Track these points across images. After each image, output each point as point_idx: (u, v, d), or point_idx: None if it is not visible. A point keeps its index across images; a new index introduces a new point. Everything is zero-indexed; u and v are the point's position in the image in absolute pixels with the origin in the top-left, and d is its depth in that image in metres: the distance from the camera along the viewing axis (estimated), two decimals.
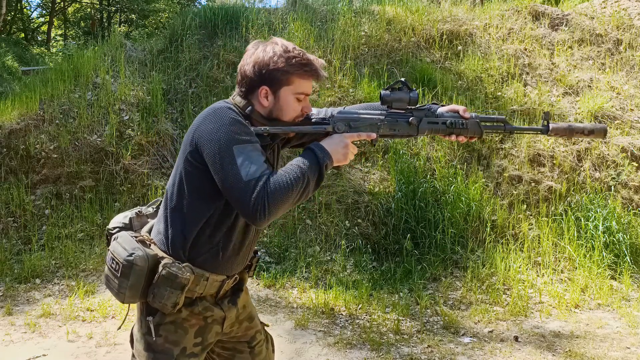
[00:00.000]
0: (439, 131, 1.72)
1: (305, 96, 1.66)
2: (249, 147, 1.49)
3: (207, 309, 1.66)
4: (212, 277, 1.63)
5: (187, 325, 1.64)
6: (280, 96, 1.62)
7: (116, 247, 1.59)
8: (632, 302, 4.23)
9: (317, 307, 4.07)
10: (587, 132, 1.78)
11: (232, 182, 1.45)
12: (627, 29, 7.23)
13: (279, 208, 1.45)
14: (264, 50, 1.62)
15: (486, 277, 4.48)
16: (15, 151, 5.71)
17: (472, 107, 5.99)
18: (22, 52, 16.48)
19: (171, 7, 21.91)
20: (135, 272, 1.54)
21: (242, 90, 1.65)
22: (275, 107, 1.63)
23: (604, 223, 4.81)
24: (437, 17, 7.33)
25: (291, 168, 1.49)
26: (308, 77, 1.63)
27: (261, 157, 1.49)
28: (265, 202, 1.42)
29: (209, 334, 1.68)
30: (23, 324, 3.81)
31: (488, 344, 3.59)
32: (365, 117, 1.70)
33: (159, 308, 1.58)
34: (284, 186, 1.44)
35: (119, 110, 6.13)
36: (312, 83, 1.67)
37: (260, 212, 1.42)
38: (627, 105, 6.23)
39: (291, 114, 1.64)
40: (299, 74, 1.61)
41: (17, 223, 5.30)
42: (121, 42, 7.39)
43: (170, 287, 1.55)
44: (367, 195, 5.23)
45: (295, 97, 1.63)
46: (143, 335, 1.65)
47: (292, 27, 7.13)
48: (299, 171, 1.48)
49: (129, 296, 1.58)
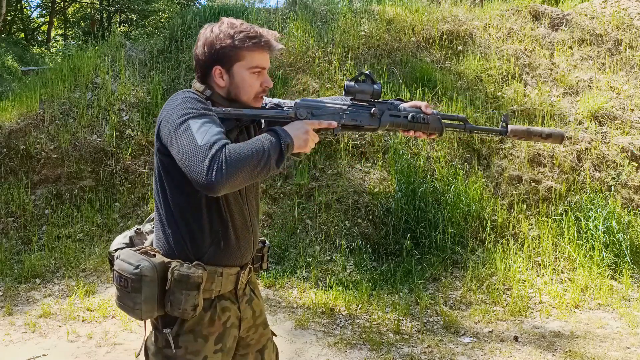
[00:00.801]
0: (400, 125, 1.71)
1: (261, 70, 1.61)
2: (206, 119, 1.44)
3: (226, 309, 1.64)
4: (226, 271, 1.61)
5: (206, 332, 1.60)
6: (235, 73, 1.59)
7: (121, 264, 1.54)
8: (632, 302, 4.23)
9: (317, 307, 4.07)
10: (545, 135, 1.79)
11: (187, 149, 1.38)
12: (627, 29, 7.23)
13: (237, 174, 1.36)
14: (211, 30, 1.60)
15: (486, 277, 4.48)
16: (15, 151, 5.71)
17: (472, 107, 6.00)
18: (22, 52, 16.48)
19: (171, 7, 21.90)
20: (146, 283, 1.49)
21: (199, 76, 1.64)
22: (232, 85, 1.61)
23: (604, 223, 4.81)
24: (437, 17, 7.33)
25: (251, 141, 1.45)
26: (259, 50, 1.59)
27: (219, 128, 1.44)
28: (222, 165, 1.34)
29: (228, 338, 1.66)
30: (23, 324, 3.81)
31: (488, 344, 3.59)
32: (328, 106, 1.68)
33: (180, 315, 1.52)
34: (243, 153, 1.38)
35: (119, 110, 6.13)
36: (266, 56, 1.62)
37: (216, 175, 1.34)
38: (627, 105, 6.23)
39: (249, 90, 1.61)
40: (248, 47, 1.57)
41: (17, 223, 5.31)
42: (121, 42, 7.40)
43: (185, 289, 1.51)
44: (367, 195, 5.23)
45: (250, 72, 1.59)
46: (160, 349, 1.59)
47: (292, 27, 7.13)
48: (260, 144, 1.43)
49: (146, 311, 1.51)
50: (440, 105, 6.09)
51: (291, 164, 5.61)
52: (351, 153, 5.64)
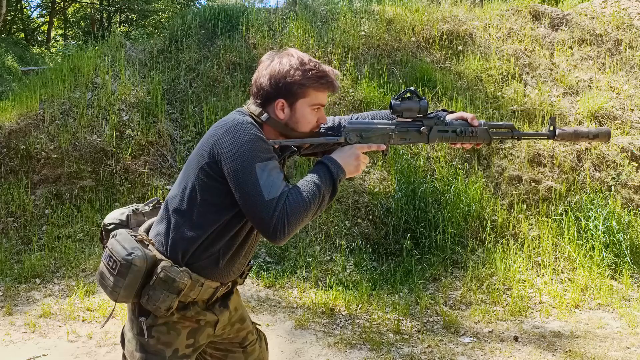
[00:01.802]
0: (449, 139, 1.74)
1: (320, 107, 1.67)
2: (270, 165, 1.51)
3: (199, 314, 1.67)
4: (207, 283, 1.63)
5: (179, 326, 1.64)
6: (297, 108, 1.63)
7: (115, 245, 1.57)
8: (632, 302, 4.23)
9: (317, 307, 4.07)
10: (592, 136, 1.80)
11: (255, 201, 1.47)
12: (627, 29, 7.23)
13: (297, 226, 1.48)
14: (280, 62, 1.62)
15: (486, 277, 4.48)
16: (15, 151, 5.71)
17: (472, 107, 5.99)
18: (22, 52, 16.48)
19: (171, 7, 21.91)
20: (132, 272, 1.53)
21: (258, 102, 1.65)
22: (292, 119, 1.64)
23: (604, 223, 4.81)
24: (437, 17, 7.33)
25: (307, 185, 1.52)
26: (324, 89, 1.64)
27: (280, 174, 1.52)
28: (285, 222, 1.45)
29: (201, 335, 1.69)
30: (23, 324, 3.81)
31: (488, 344, 3.59)
32: (377, 127, 1.73)
33: (152, 310, 1.57)
34: (302, 205, 1.48)
35: (119, 110, 6.13)
36: (327, 94, 1.68)
37: (280, 232, 1.46)
38: (627, 105, 6.23)
39: (307, 126, 1.66)
40: (315, 86, 1.62)
41: (17, 223, 5.30)
42: (121, 42, 7.40)
43: (166, 290, 1.54)
44: (367, 195, 5.23)
45: (311, 109, 1.64)
46: (135, 335, 1.64)
47: (292, 27, 7.13)
48: (315, 188, 1.51)
49: (123, 296, 1.56)
50: (440, 105, 6.09)
51: (291, 163, 5.61)
52: None
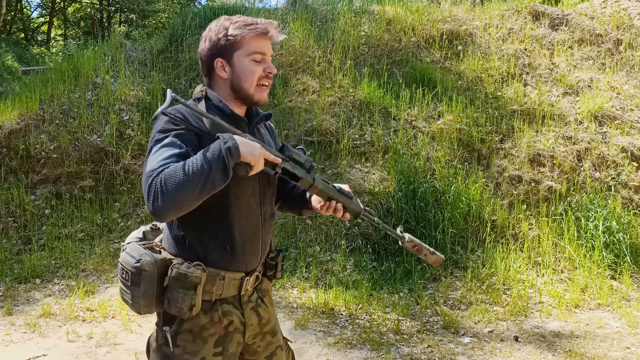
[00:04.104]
0: (329, 191, 1.68)
1: (262, 56, 1.59)
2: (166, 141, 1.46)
3: (227, 314, 1.61)
4: (229, 275, 1.58)
5: (206, 334, 1.58)
6: (235, 63, 1.59)
7: (125, 257, 1.56)
8: (632, 302, 4.23)
9: (317, 307, 4.07)
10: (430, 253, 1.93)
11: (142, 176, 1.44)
12: (627, 29, 7.23)
13: (175, 200, 1.36)
14: (210, 28, 1.64)
15: (486, 277, 4.48)
16: (15, 151, 5.71)
17: (472, 107, 6.00)
18: (22, 52, 16.49)
19: (171, 7, 21.91)
20: (144, 278, 1.50)
21: (204, 73, 1.65)
22: (234, 75, 1.59)
23: (604, 223, 4.81)
24: (437, 17, 7.34)
25: (191, 159, 1.40)
26: (257, 36, 1.58)
27: (170, 151, 1.43)
28: (158, 194, 1.35)
29: (230, 343, 1.62)
30: (23, 324, 3.81)
31: (488, 344, 3.59)
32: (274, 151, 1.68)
33: (176, 313, 1.52)
34: (178, 177, 1.36)
35: (119, 110, 6.13)
36: (266, 42, 1.60)
37: (155, 202, 1.36)
38: (627, 105, 6.23)
39: (251, 77, 1.59)
40: (244, 34, 1.57)
41: (17, 223, 5.31)
42: (121, 42, 7.40)
43: (182, 287, 1.50)
44: (367, 195, 5.23)
45: (250, 59, 1.58)
46: (160, 346, 1.59)
47: (292, 27, 7.13)
48: (201, 158, 1.38)
49: (144, 305, 1.53)
50: (440, 105, 6.09)
51: None
52: (351, 153, 5.64)
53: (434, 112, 6.03)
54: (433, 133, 5.79)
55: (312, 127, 5.83)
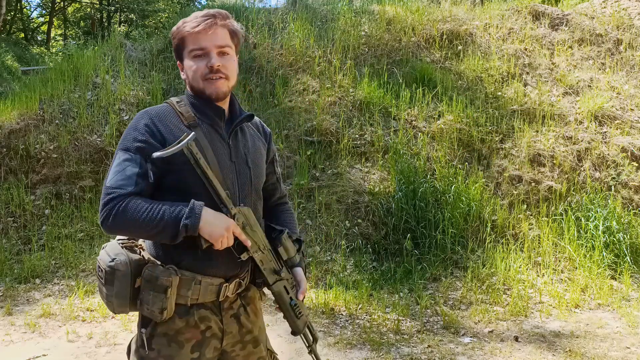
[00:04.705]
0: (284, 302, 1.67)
1: (201, 51, 1.55)
2: (128, 155, 1.48)
3: (205, 319, 1.57)
4: (205, 280, 1.54)
5: (182, 338, 1.55)
6: (185, 63, 1.59)
7: (102, 255, 1.53)
8: (632, 302, 4.23)
9: (317, 307, 4.07)
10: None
11: (105, 181, 1.50)
12: (627, 29, 7.23)
13: (123, 230, 1.47)
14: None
15: (486, 277, 4.48)
16: (15, 151, 5.71)
17: (472, 107, 6.00)
18: (22, 52, 16.49)
19: (171, 7, 21.90)
20: (117, 277, 1.48)
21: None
22: (187, 75, 1.59)
23: (604, 223, 4.81)
24: (437, 17, 7.33)
25: (157, 208, 1.44)
26: (195, 31, 1.54)
27: (131, 169, 1.47)
28: (112, 216, 1.44)
29: (207, 348, 1.59)
30: (23, 324, 3.81)
31: (488, 344, 3.59)
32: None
33: (148, 315, 1.51)
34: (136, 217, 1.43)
35: (119, 110, 6.13)
36: (208, 36, 1.54)
37: (104, 220, 1.45)
38: (627, 105, 6.23)
39: (194, 75, 1.56)
40: (184, 33, 1.57)
41: (17, 223, 5.30)
42: (121, 42, 7.40)
43: (152, 290, 1.48)
44: (367, 195, 5.23)
45: (191, 56, 1.56)
46: (137, 348, 1.58)
47: (292, 27, 7.13)
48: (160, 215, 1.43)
49: (118, 305, 1.52)
50: (440, 105, 6.09)
51: (291, 163, 5.61)
52: (351, 153, 5.64)
53: (434, 112, 6.03)
54: (433, 133, 5.79)
55: (312, 127, 5.83)
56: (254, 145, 1.70)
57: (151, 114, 1.56)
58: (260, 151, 1.72)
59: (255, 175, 1.65)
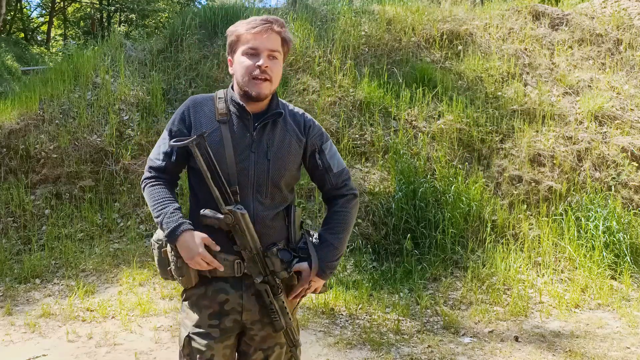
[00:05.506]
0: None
1: (255, 51, 1.67)
2: (165, 135, 1.76)
3: (221, 291, 1.71)
4: (220, 255, 1.68)
5: (201, 304, 1.73)
6: (235, 58, 1.73)
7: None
8: (632, 302, 4.23)
9: (317, 307, 4.07)
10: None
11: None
12: (627, 29, 7.23)
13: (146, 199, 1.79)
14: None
15: (486, 277, 4.48)
16: (15, 151, 5.70)
17: (472, 107, 5.99)
18: (22, 52, 16.49)
19: (171, 7, 21.90)
20: (155, 250, 1.75)
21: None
22: (235, 70, 1.73)
23: (604, 223, 4.81)
24: (437, 17, 7.33)
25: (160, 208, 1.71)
26: (252, 31, 1.67)
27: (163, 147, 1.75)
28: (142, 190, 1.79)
29: (226, 318, 1.72)
30: (23, 324, 3.81)
31: (488, 344, 3.59)
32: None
33: (178, 282, 1.73)
34: (149, 202, 1.74)
35: (119, 110, 6.13)
36: (263, 39, 1.67)
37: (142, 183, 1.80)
38: (627, 105, 6.23)
39: (241, 70, 1.69)
40: (241, 31, 1.69)
41: (17, 223, 5.30)
42: (121, 42, 7.39)
43: (175, 259, 1.67)
44: (367, 195, 5.23)
45: (243, 54, 1.69)
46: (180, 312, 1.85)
47: (292, 27, 7.12)
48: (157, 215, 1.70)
49: (161, 272, 1.76)
50: (440, 105, 6.09)
51: None
52: (351, 153, 5.64)
53: (434, 112, 6.03)
54: (433, 133, 5.79)
55: None
56: (283, 140, 1.77)
57: (193, 102, 1.77)
58: (290, 146, 1.78)
59: (275, 168, 1.72)
